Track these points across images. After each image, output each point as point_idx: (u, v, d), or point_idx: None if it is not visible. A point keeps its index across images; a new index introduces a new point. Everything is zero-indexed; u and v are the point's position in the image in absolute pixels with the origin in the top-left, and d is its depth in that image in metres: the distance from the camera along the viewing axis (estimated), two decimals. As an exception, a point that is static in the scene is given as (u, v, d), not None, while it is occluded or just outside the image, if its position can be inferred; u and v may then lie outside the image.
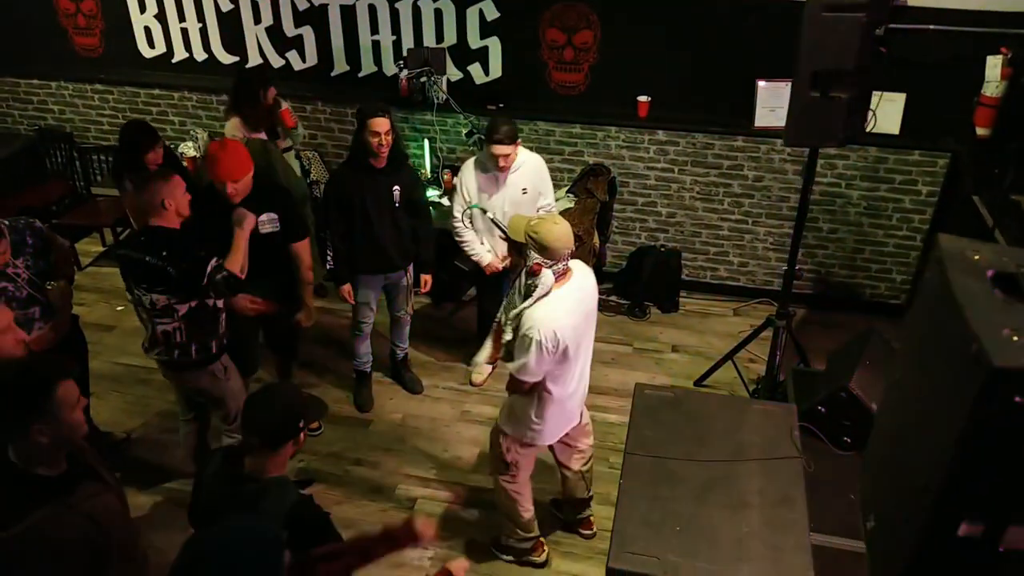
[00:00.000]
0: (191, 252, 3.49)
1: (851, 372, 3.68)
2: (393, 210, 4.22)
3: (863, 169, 5.14)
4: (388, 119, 4.02)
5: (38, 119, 6.36)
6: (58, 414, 2.18)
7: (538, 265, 3.08)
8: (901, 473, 1.52)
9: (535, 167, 4.35)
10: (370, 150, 4.03)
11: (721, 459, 3.42)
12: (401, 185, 4.21)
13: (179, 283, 3.47)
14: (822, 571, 2.90)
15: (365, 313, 4.52)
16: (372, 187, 4.14)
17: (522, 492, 3.63)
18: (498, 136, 4.11)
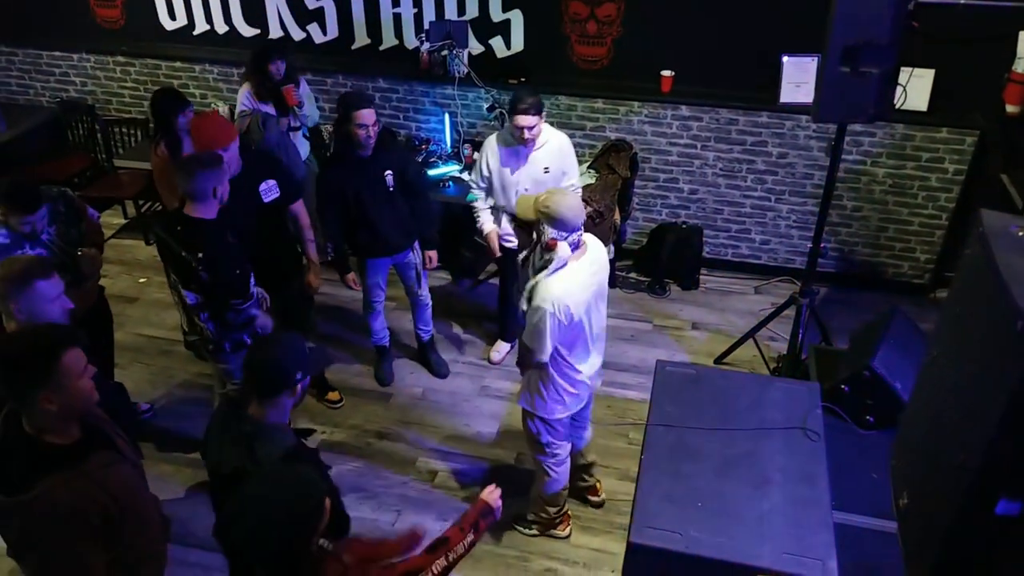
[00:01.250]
0: (229, 259, 3.45)
1: (875, 351, 3.65)
2: (389, 195, 4.18)
3: (889, 146, 5.07)
4: (372, 110, 3.97)
5: (60, 91, 6.37)
6: (65, 382, 2.20)
7: (554, 240, 3.07)
8: (937, 450, 1.51)
9: (559, 146, 4.28)
10: (357, 142, 3.98)
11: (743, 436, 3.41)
12: (393, 168, 4.16)
13: (212, 291, 3.45)
14: (844, 549, 2.90)
15: (375, 293, 4.51)
16: (363, 176, 4.09)
17: (562, 468, 3.65)
18: (523, 106, 4.04)
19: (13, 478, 2.18)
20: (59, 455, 2.22)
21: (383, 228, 4.22)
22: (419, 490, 4.10)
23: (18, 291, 2.77)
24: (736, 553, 2.91)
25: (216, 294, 3.46)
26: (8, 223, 3.49)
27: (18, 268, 2.85)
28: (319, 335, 5.09)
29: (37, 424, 2.24)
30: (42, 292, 2.81)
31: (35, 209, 3.48)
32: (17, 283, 2.78)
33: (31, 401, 2.19)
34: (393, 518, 3.94)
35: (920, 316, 4.42)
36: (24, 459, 2.20)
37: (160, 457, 4.22)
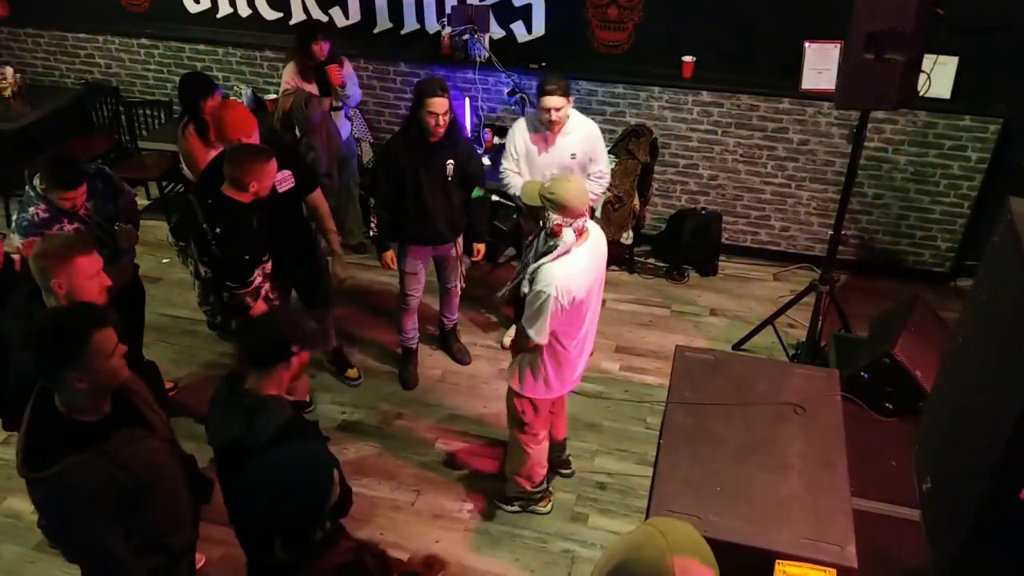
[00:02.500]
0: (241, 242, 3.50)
1: (895, 338, 3.65)
2: (445, 183, 4.18)
3: (911, 134, 5.04)
4: (447, 99, 3.95)
5: (85, 73, 6.42)
6: (95, 362, 2.24)
7: (559, 225, 3.10)
8: (962, 435, 1.53)
9: (587, 133, 4.28)
10: (426, 129, 3.97)
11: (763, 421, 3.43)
12: (456, 159, 4.16)
13: (216, 269, 3.51)
14: (863, 536, 2.92)
15: (412, 284, 4.47)
16: (425, 161, 4.09)
17: (540, 447, 3.71)
18: (550, 87, 4.05)
19: (40, 454, 2.24)
20: (86, 432, 2.27)
21: (433, 215, 4.20)
22: (438, 471, 4.14)
23: (59, 267, 2.81)
24: (755, 537, 2.93)
25: (219, 271, 3.53)
26: (48, 198, 3.56)
27: (59, 244, 2.89)
28: (339, 314, 5.14)
29: (68, 402, 2.29)
30: (82, 268, 2.85)
31: (77, 185, 3.56)
32: (58, 259, 2.82)
33: (62, 380, 2.24)
34: (412, 498, 3.99)
35: (941, 305, 4.41)
36: (52, 436, 2.26)
37: (182, 434, 4.26)
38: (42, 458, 2.24)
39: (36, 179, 3.62)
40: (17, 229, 3.60)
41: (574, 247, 3.16)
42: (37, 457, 2.25)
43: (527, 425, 3.60)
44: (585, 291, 3.23)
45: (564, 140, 4.23)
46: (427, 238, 4.33)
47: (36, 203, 3.59)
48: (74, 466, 2.23)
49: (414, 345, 4.72)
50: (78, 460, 2.24)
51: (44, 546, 3.69)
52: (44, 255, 2.84)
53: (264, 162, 3.50)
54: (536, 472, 3.77)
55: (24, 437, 2.30)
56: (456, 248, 4.48)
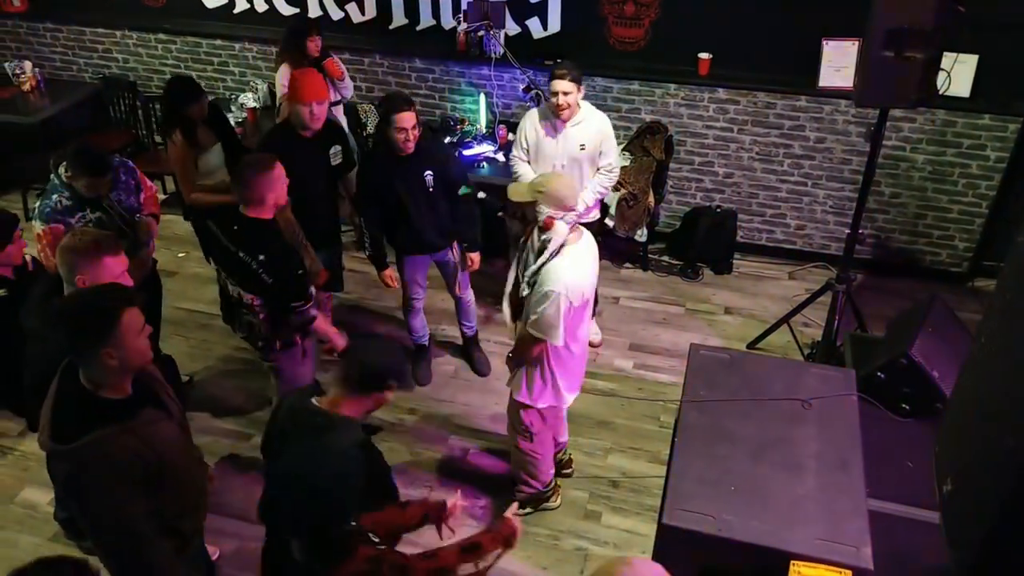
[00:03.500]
0: (290, 261, 3.43)
1: (912, 339, 3.62)
2: (428, 195, 4.11)
3: (930, 132, 5.00)
4: (413, 112, 3.90)
5: (102, 68, 6.46)
6: (125, 339, 2.28)
7: (550, 218, 3.08)
8: (984, 436, 1.51)
9: (598, 126, 4.28)
10: (396, 145, 3.93)
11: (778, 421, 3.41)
12: (433, 168, 4.09)
13: (275, 293, 3.42)
14: (878, 537, 2.90)
15: (415, 290, 4.46)
16: (402, 174, 4.05)
17: (545, 453, 3.67)
18: (560, 71, 4.05)
19: (67, 428, 2.28)
20: (111, 408, 2.32)
21: (421, 227, 4.17)
22: (450, 467, 4.15)
23: (86, 264, 2.83)
24: (769, 537, 2.91)
25: (278, 296, 3.42)
26: (73, 186, 3.59)
27: (89, 241, 2.89)
28: (352, 307, 5.16)
29: (95, 378, 2.33)
30: (109, 267, 2.86)
31: (104, 173, 3.60)
32: (86, 255, 2.83)
33: (94, 356, 2.28)
34: (424, 494, 3.99)
35: (958, 305, 4.38)
36: (79, 410, 2.30)
37: (198, 428, 4.30)
38: (69, 431, 2.27)
39: (61, 168, 3.64)
40: (39, 215, 3.62)
41: (570, 244, 3.13)
42: (64, 430, 2.29)
43: (535, 435, 3.56)
44: (591, 289, 3.23)
45: (574, 130, 4.24)
46: (420, 248, 4.32)
47: (60, 191, 3.62)
48: (102, 438, 2.26)
49: (425, 342, 4.73)
50: (106, 433, 2.27)
51: (60, 537, 3.72)
52: (73, 250, 2.85)
53: (271, 169, 3.41)
54: (545, 474, 3.76)
55: (51, 411, 2.34)
56: (454, 254, 4.42)
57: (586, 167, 4.33)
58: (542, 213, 3.08)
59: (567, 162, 4.28)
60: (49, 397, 2.38)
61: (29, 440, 4.18)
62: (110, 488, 2.29)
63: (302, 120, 3.96)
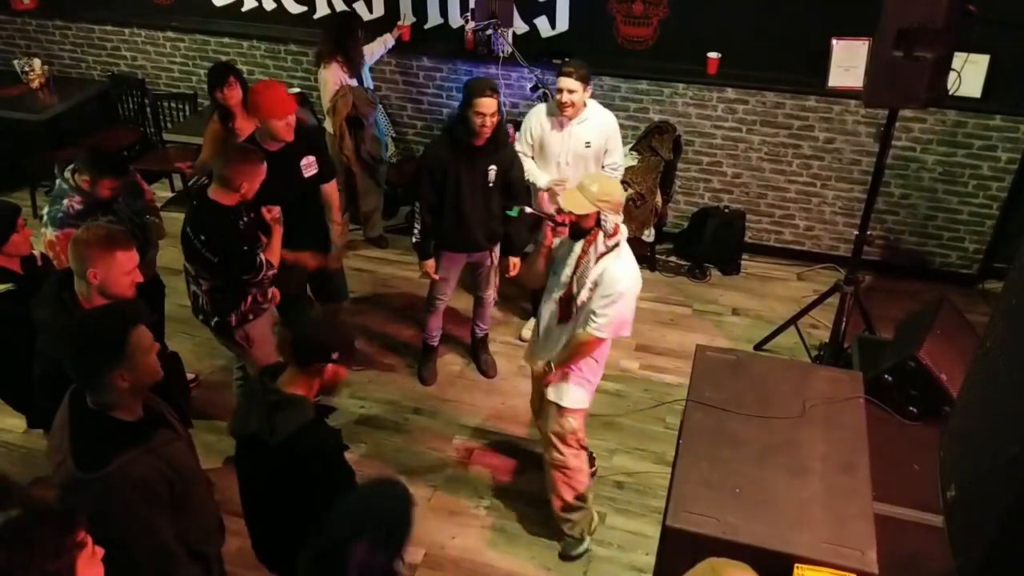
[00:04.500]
0: (237, 241, 3.47)
1: (920, 341, 3.59)
2: (486, 190, 4.07)
3: (940, 133, 4.96)
4: (496, 100, 3.84)
5: (111, 65, 6.47)
6: (136, 358, 2.24)
7: (617, 225, 3.11)
8: (989, 442, 1.49)
9: (603, 123, 4.27)
10: (472, 129, 3.88)
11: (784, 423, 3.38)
12: (498, 166, 4.05)
13: (219, 270, 3.50)
14: (884, 541, 2.87)
15: (442, 289, 4.42)
16: (468, 165, 4.00)
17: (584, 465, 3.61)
18: (567, 69, 4.04)
19: (90, 455, 2.22)
20: (130, 431, 2.26)
21: (471, 222, 4.11)
22: (456, 467, 4.14)
23: (98, 257, 2.82)
24: (773, 540, 2.89)
25: (223, 273, 3.52)
26: (90, 189, 3.58)
27: (103, 234, 2.88)
28: (358, 308, 5.15)
29: (106, 401, 2.26)
30: (120, 262, 2.86)
31: (126, 172, 3.63)
32: (99, 249, 2.82)
33: (105, 378, 2.22)
34: (429, 494, 3.98)
35: (968, 307, 4.34)
36: (98, 436, 2.24)
37: (202, 426, 4.31)
38: (94, 459, 2.20)
39: (68, 172, 3.64)
40: (51, 222, 3.61)
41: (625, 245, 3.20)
42: (88, 458, 2.21)
43: (580, 439, 3.49)
44: None
45: (579, 128, 4.22)
46: (463, 245, 4.25)
47: (71, 195, 3.61)
48: (131, 461, 2.21)
49: (435, 343, 4.71)
50: (134, 455, 2.22)
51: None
52: (86, 243, 2.84)
53: (256, 164, 3.44)
54: (583, 481, 3.62)
55: (70, 440, 2.26)
56: (492, 257, 4.38)
57: (591, 165, 4.32)
58: (608, 221, 3.09)
59: (571, 159, 4.26)
60: (61, 428, 2.30)
61: (35, 436, 4.19)
62: (142, 512, 2.25)
63: (275, 135, 3.81)
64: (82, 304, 2.88)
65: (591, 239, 3.14)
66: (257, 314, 3.75)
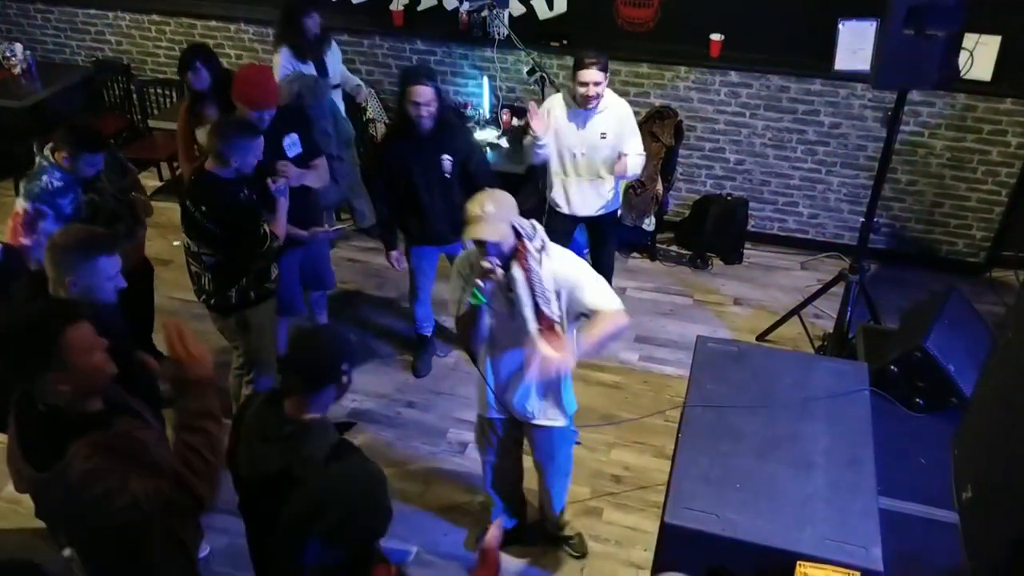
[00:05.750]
0: (238, 211, 3.39)
1: (928, 331, 3.49)
2: (444, 181, 3.91)
3: (949, 117, 4.83)
4: (430, 88, 3.70)
5: (95, 50, 6.32)
6: (73, 361, 2.06)
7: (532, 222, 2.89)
8: (1009, 441, 1.37)
9: (619, 114, 4.10)
10: (409, 120, 3.76)
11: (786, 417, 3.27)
12: (453, 153, 3.88)
13: (223, 243, 3.41)
14: (889, 537, 2.77)
15: (420, 280, 4.32)
16: (418, 156, 3.85)
17: None
18: (590, 59, 3.86)
19: (43, 454, 2.08)
20: (83, 424, 2.11)
21: (432, 216, 3.97)
22: (449, 462, 4.04)
23: (78, 264, 2.64)
24: (775, 537, 2.80)
25: (230, 246, 3.44)
26: (68, 166, 3.46)
27: (82, 239, 2.70)
28: (351, 299, 5.05)
29: (53, 404, 2.11)
30: (102, 269, 2.69)
31: (101, 149, 3.50)
32: (78, 255, 2.65)
33: (42, 383, 2.07)
34: (421, 489, 3.88)
35: (975, 296, 4.24)
36: (49, 434, 2.09)
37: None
38: (45, 458, 2.06)
39: (47, 150, 3.52)
40: (27, 194, 3.46)
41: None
42: (43, 456, 2.07)
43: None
44: None
45: (596, 118, 4.06)
46: (428, 239, 4.12)
47: (50, 172, 3.48)
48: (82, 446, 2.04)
49: (428, 332, 4.59)
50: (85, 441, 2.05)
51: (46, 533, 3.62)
52: (64, 248, 2.66)
53: (248, 138, 3.34)
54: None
55: (19, 446, 2.12)
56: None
57: (606, 155, 4.18)
58: (523, 225, 2.83)
59: (587, 151, 4.11)
60: (11, 437, 2.15)
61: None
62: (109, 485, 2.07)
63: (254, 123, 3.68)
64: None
65: (522, 254, 2.82)
66: (260, 294, 3.67)
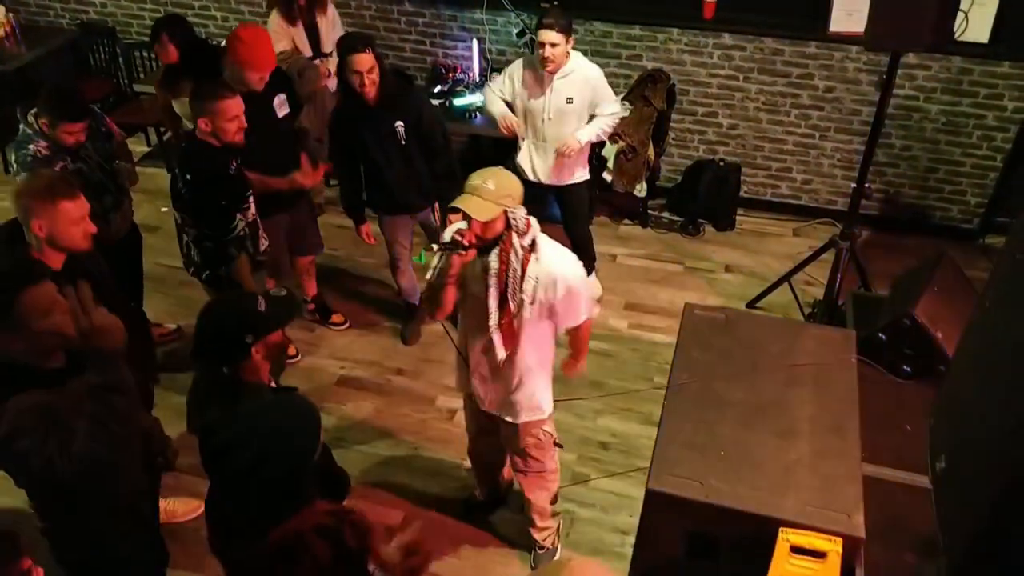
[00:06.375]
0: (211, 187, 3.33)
1: (917, 298, 3.47)
2: (400, 148, 3.85)
3: (945, 81, 4.76)
4: (370, 54, 3.60)
5: (80, 12, 6.20)
6: (28, 323, 2.07)
7: (528, 219, 2.74)
8: (985, 413, 1.35)
9: (586, 77, 4.04)
10: (354, 90, 3.68)
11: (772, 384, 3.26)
12: (405, 119, 3.81)
13: (194, 212, 3.38)
14: (873, 504, 2.78)
15: (398, 251, 4.27)
16: (370, 126, 3.79)
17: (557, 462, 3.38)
18: (547, 20, 3.82)
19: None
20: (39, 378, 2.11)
21: (395, 185, 3.92)
22: (437, 428, 4.04)
23: (41, 208, 2.66)
24: (757, 504, 2.80)
25: (196, 219, 3.41)
26: (51, 134, 3.40)
27: (43, 184, 2.72)
28: (341, 266, 5.02)
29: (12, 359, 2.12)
30: (66, 212, 2.69)
31: (83, 116, 3.42)
32: (41, 200, 2.66)
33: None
34: (410, 455, 3.89)
35: (968, 263, 4.20)
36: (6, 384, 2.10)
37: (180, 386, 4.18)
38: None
39: (31, 116, 3.45)
40: (21, 167, 3.42)
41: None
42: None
43: (556, 438, 3.24)
44: None
45: (561, 83, 4.01)
46: (396, 208, 4.06)
47: (36, 140, 3.43)
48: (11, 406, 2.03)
49: (416, 300, 4.57)
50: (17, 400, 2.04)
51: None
52: (27, 194, 2.69)
53: (218, 99, 3.22)
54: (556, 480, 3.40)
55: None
56: (434, 214, 4.19)
57: (573, 122, 4.12)
58: (519, 218, 2.70)
59: (554, 115, 4.07)
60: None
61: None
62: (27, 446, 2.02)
63: (247, 85, 3.62)
64: (34, 256, 2.73)
65: (506, 246, 2.72)
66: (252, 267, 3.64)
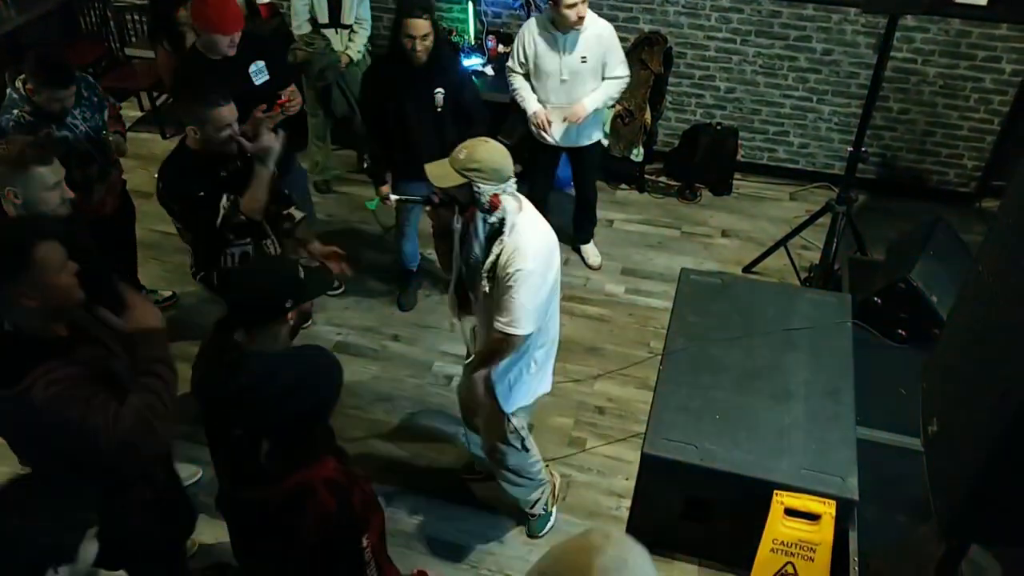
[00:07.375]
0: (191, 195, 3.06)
1: (913, 262, 3.49)
2: (436, 116, 3.80)
3: (943, 43, 4.72)
4: (427, 21, 3.58)
5: (71, -24, 6.13)
6: (41, 278, 2.05)
7: (496, 196, 2.56)
8: (977, 376, 1.37)
9: (599, 34, 4.01)
10: (404, 51, 3.64)
11: (767, 348, 3.29)
12: (446, 87, 3.77)
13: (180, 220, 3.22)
14: (867, 466, 2.82)
15: (407, 215, 4.25)
16: (410, 88, 3.74)
17: (535, 451, 3.22)
18: None
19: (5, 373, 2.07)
20: (47, 348, 2.12)
21: (421, 151, 3.77)
22: (434, 394, 4.06)
23: (15, 175, 2.66)
24: (752, 467, 2.85)
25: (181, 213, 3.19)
26: (36, 99, 3.36)
27: (15, 151, 2.72)
28: (338, 232, 5.00)
29: (16, 322, 2.13)
30: (40, 178, 2.69)
31: (68, 83, 3.36)
32: (11, 167, 2.66)
33: (8, 297, 2.07)
34: (407, 420, 3.92)
35: (964, 227, 4.21)
36: (11, 355, 2.10)
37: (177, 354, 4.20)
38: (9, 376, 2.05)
39: (18, 81, 3.41)
40: (2, 132, 3.35)
41: (520, 216, 2.65)
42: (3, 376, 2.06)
43: (525, 440, 3.06)
44: (558, 259, 2.76)
45: (575, 41, 3.98)
46: (417, 173, 4.05)
47: (21, 105, 3.38)
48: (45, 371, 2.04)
49: (414, 267, 4.56)
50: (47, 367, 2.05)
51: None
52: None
53: (211, 107, 2.94)
54: (539, 469, 3.26)
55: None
56: None
57: (588, 81, 4.09)
58: (484, 193, 2.55)
59: (568, 76, 4.03)
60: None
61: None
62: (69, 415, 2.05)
63: (217, 49, 3.54)
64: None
65: (469, 217, 2.64)
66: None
